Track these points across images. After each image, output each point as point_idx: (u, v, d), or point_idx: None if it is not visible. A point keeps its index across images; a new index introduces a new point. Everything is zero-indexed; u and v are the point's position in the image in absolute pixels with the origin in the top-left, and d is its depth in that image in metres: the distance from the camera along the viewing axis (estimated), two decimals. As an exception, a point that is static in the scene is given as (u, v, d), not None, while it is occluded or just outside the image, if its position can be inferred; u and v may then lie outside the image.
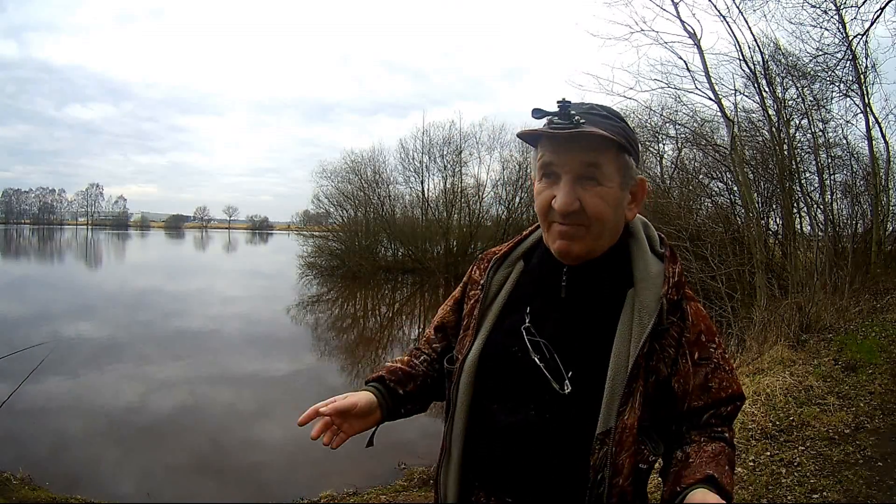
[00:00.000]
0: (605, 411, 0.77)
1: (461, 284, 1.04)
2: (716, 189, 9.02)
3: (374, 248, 22.68)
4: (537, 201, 0.84)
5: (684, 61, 7.77)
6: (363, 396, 0.94)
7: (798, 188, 8.11)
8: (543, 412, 0.80)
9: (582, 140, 0.77)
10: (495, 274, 0.94)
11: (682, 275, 0.85)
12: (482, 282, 0.94)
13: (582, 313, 0.84)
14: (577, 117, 0.76)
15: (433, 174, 22.74)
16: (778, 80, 8.09)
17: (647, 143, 10.23)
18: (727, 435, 0.86)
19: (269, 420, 5.92)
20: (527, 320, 0.85)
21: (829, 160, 8.50)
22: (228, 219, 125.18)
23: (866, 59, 8.02)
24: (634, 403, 0.77)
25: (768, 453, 3.20)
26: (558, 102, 0.78)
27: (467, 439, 0.88)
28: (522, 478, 0.83)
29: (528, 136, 0.82)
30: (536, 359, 0.81)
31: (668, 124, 9.40)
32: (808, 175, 8.39)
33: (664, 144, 10.37)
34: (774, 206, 8.51)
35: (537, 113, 0.79)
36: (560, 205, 0.79)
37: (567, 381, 0.79)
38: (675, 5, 7.46)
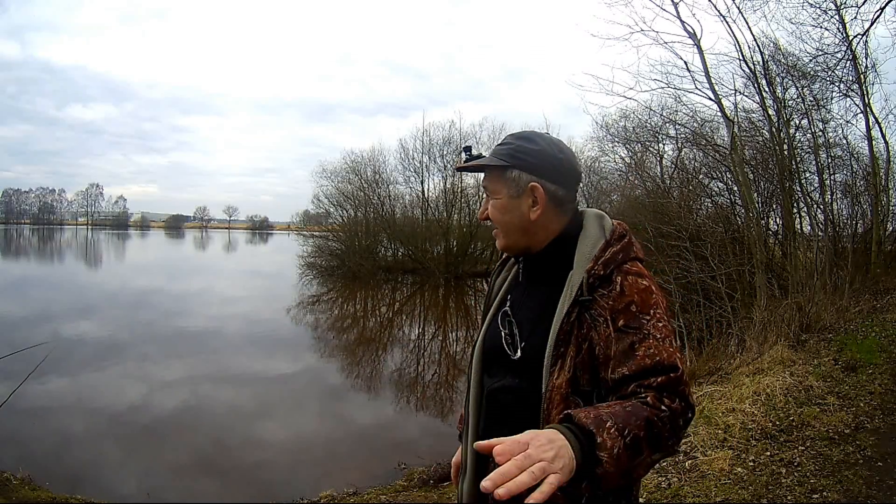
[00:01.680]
0: (545, 373, 0.90)
1: None
2: (716, 189, 9.03)
3: (374, 248, 22.69)
4: None
5: (684, 61, 7.77)
6: None
7: (798, 188, 8.11)
8: (511, 377, 0.98)
9: (484, 169, 1.04)
10: (497, 277, 1.17)
11: (622, 253, 0.94)
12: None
13: (535, 295, 1.01)
14: (474, 153, 1.05)
15: (433, 174, 22.81)
16: (778, 80, 8.09)
17: (647, 143, 10.25)
18: (648, 398, 0.82)
19: (270, 419, 5.94)
20: (507, 306, 1.06)
21: (829, 160, 8.51)
22: (228, 219, 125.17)
23: (866, 59, 8.03)
24: (564, 366, 0.89)
25: (768, 453, 3.19)
26: (464, 148, 1.08)
27: (477, 409, 1.06)
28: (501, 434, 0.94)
29: (463, 170, 1.08)
30: (504, 333, 1.01)
31: (668, 124, 9.40)
32: (808, 175, 8.40)
33: (664, 144, 10.39)
34: (774, 206, 8.51)
35: (465, 152, 1.07)
36: (478, 215, 1.08)
37: (520, 350, 0.97)
38: (675, 5, 7.46)
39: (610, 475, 0.74)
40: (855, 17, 7.48)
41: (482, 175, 1.08)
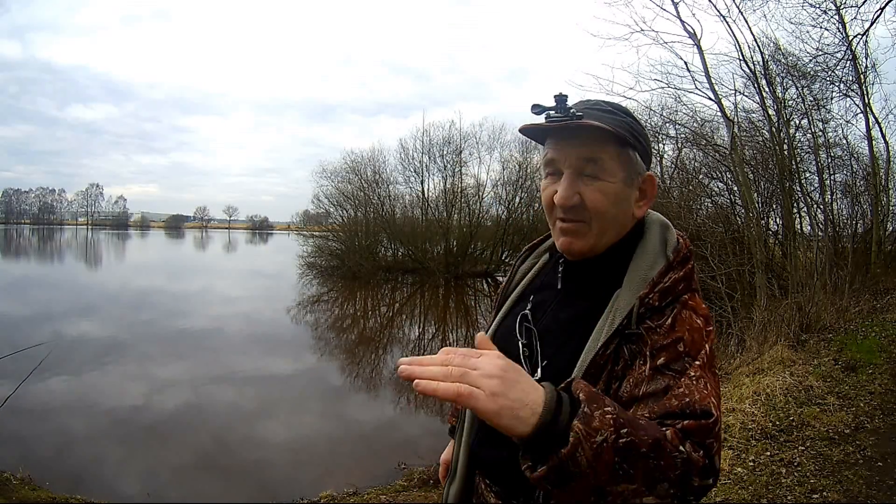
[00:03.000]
0: None
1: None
2: (716, 189, 9.03)
3: (374, 248, 22.67)
4: (542, 198, 0.84)
5: (684, 61, 7.78)
6: None
7: (798, 188, 8.11)
8: None
9: (581, 134, 0.77)
10: (522, 263, 0.99)
11: (683, 282, 0.77)
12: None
13: (572, 307, 0.83)
14: (573, 111, 0.76)
15: (433, 174, 22.78)
16: (778, 80, 8.10)
17: (647, 143, 10.23)
18: (668, 432, 0.64)
19: (271, 419, 5.94)
20: (527, 308, 0.88)
21: (829, 160, 8.52)
22: (228, 219, 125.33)
23: (866, 59, 8.05)
24: None
25: (768, 453, 3.20)
26: (555, 97, 0.77)
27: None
28: (496, 459, 0.84)
29: (529, 131, 0.82)
30: (522, 344, 0.83)
31: (668, 124, 9.40)
32: (808, 175, 8.41)
33: (664, 144, 10.38)
34: (774, 206, 8.51)
35: (536, 108, 0.78)
36: (559, 199, 0.79)
37: (540, 370, 0.79)
38: (675, 5, 7.46)
39: (579, 473, 0.57)
40: (855, 17, 7.50)
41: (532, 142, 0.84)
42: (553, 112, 0.77)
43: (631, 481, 0.59)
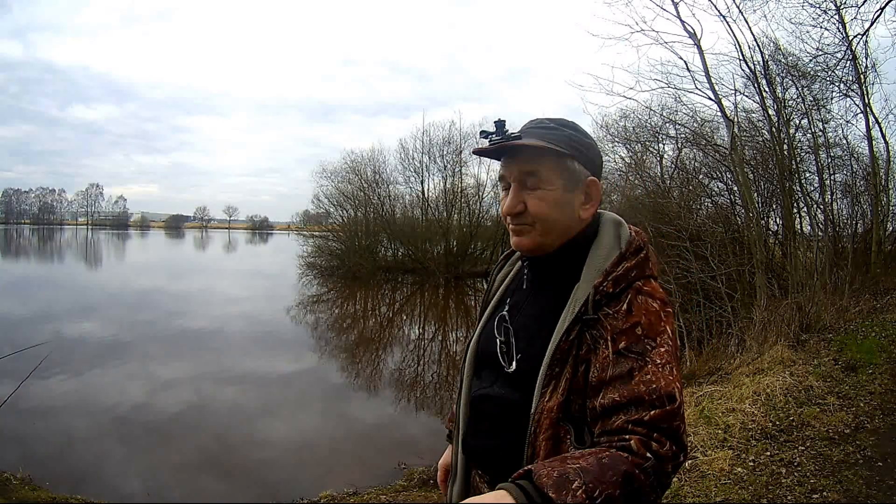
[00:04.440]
0: (536, 392, 0.83)
1: None
2: (716, 189, 9.03)
3: (374, 248, 22.68)
4: (501, 209, 0.95)
5: (684, 61, 7.77)
6: None
7: (798, 188, 8.11)
8: (501, 388, 0.91)
9: (521, 152, 0.89)
10: (500, 272, 1.09)
11: (636, 270, 0.85)
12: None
13: (539, 304, 0.93)
14: (510, 133, 0.88)
15: (433, 174, 22.79)
16: (778, 80, 8.09)
17: (647, 143, 10.24)
18: (632, 443, 0.71)
19: (272, 418, 5.94)
20: (505, 309, 0.97)
21: (829, 160, 8.51)
22: (228, 219, 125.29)
23: (866, 59, 8.04)
24: (558, 388, 0.81)
25: (768, 453, 3.20)
26: (495, 122, 0.90)
27: (464, 412, 1.00)
28: (483, 448, 0.94)
29: (481, 153, 0.93)
30: (500, 342, 0.93)
31: (668, 124, 9.39)
32: (808, 175, 8.40)
33: (664, 144, 10.37)
34: (774, 206, 8.51)
35: (483, 134, 0.91)
36: (505, 209, 0.91)
37: (515, 362, 0.89)
38: (675, 5, 7.45)
39: None
40: (855, 17, 7.49)
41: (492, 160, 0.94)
42: (494, 136, 0.89)
43: None
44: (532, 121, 0.93)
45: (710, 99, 7.81)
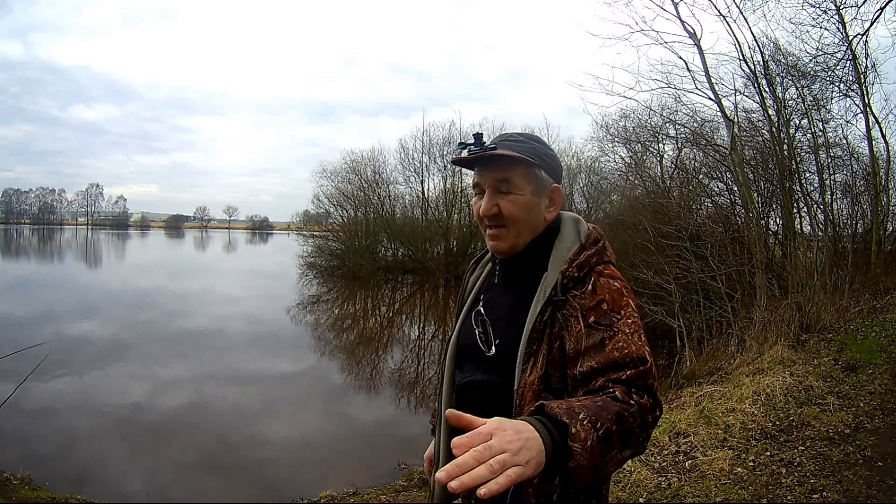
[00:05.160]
0: (517, 370, 0.93)
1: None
2: (716, 189, 9.04)
3: (374, 248, 22.68)
4: (474, 212, 1.06)
5: (684, 61, 7.78)
6: None
7: (798, 188, 8.12)
8: (483, 373, 1.01)
9: (495, 161, 0.99)
10: (471, 274, 1.19)
11: (596, 256, 0.97)
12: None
13: (512, 295, 1.03)
14: (487, 144, 0.98)
15: (433, 174, 22.79)
16: (778, 80, 8.10)
17: (647, 143, 10.25)
18: (617, 393, 0.81)
19: (273, 418, 5.95)
20: (480, 305, 1.07)
21: (829, 160, 8.52)
22: (228, 219, 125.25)
23: (866, 59, 8.05)
24: (537, 364, 0.91)
25: (768, 453, 3.20)
26: (474, 135, 1.00)
27: (448, 404, 1.07)
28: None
29: (459, 162, 1.03)
30: (478, 332, 1.03)
31: (668, 124, 9.41)
32: (808, 175, 8.42)
33: (664, 144, 10.39)
34: (774, 206, 8.52)
35: (461, 145, 1.01)
36: (482, 210, 1.01)
37: (494, 347, 0.99)
38: (675, 5, 7.47)
39: (583, 468, 0.72)
40: (855, 17, 7.50)
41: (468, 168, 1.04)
42: (472, 147, 0.99)
43: (613, 448, 0.76)
44: (502, 134, 1.04)
45: (710, 99, 7.83)
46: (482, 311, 1.05)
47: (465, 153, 1.01)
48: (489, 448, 0.64)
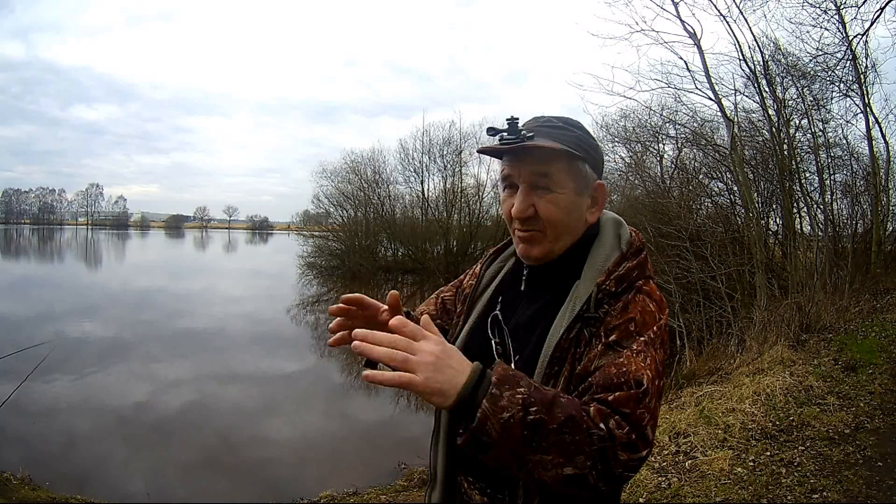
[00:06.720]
0: None
1: (465, 273, 1.15)
2: (716, 189, 9.03)
3: (374, 248, 22.68)
4: (502, 209, 0.91)
5: (684, 61, 7.78)
6: None
7: (798, 188, 8.11)
8: None
9: (532, 152, 0.83)
10: (488, 268, 1.03)
11: (637, 270, 0.85)
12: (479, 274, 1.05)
13: (537, 305, 0.89)
14: (524, 132, 0.82)
15: (433, 174, 22.76)
16: (778, 80, 8.09)
17: (647, 143, 10.25)
18: (592, 409, 0.71)
19: (274, 417, 5.95)
20: (497, 308, 0.94)
21: (829, 160, 8.51)
22: (228, 219, 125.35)
23: (866, 59, 8.03)
24: (557, 386, 0.79)
25: (768, 453, 3.20)
26: (507, 120, 0.84)
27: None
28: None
29: (487, 152, 0.89)
30: (495, 342, 0.89)
31: (668, 124, 9.41)
32: (808, 175, 8.40)
33: (664, 144, 10.38)
34: (774, 206, 8.51)
35: (491, 131, 0.85)
36: (515, 211, 0.86)
37: (513, 363, 0.85)
38: (675, 5, 7.47)
39: (494, 443, 0.66)
40: (855, 17, 7.49)
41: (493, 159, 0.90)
42: (506, 135, 0.83)
43: (546, 452, 0.67)
44: (537, 118, 0.89)
45: (710, 99, 7.83)
46: (500, 316, 0.92)
47: (495, 141, 0.85)
48: (409, 345, 0.66)
